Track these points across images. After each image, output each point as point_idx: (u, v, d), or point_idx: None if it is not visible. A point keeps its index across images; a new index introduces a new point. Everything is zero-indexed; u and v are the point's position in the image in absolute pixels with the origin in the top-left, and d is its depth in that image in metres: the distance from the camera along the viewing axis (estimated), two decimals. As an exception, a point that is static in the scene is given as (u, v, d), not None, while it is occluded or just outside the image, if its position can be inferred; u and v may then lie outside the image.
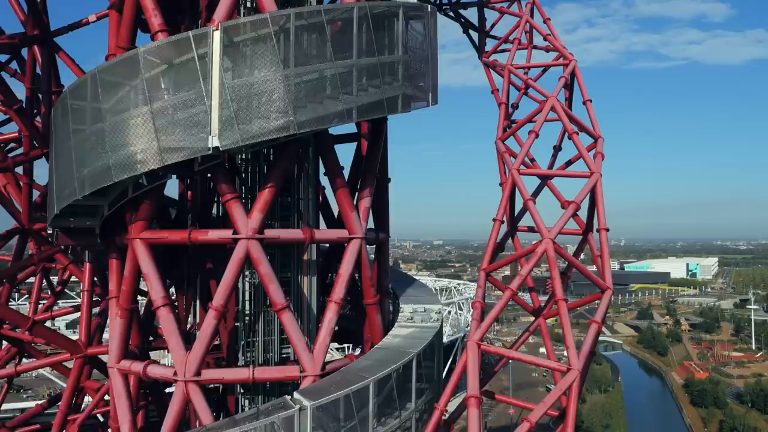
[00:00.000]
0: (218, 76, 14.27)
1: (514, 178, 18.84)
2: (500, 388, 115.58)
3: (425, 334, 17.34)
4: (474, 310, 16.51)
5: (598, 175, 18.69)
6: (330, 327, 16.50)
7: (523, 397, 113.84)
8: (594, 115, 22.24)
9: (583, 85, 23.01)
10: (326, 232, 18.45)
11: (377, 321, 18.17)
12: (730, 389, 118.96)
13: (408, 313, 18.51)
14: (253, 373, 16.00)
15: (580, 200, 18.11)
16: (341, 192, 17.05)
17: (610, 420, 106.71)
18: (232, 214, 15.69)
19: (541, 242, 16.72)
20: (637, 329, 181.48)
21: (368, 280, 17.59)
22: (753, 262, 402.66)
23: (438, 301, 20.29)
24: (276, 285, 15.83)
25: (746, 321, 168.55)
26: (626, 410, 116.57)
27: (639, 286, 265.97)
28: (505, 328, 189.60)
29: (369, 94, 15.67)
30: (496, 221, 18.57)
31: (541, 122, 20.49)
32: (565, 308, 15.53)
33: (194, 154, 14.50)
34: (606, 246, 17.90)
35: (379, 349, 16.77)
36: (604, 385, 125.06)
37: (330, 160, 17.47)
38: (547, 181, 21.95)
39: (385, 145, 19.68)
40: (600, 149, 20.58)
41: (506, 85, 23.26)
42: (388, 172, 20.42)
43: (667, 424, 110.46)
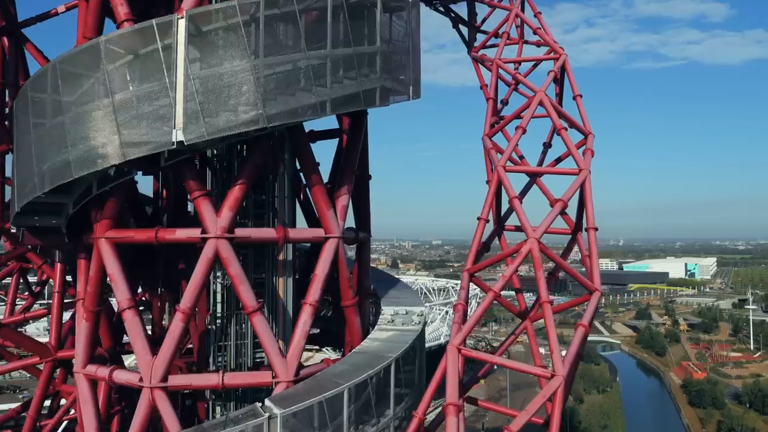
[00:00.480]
0: (183, 67, 13.57)
1: (500, 175, 18.13)
2: (498, 388, 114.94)
3: (405, 337, 16.62)
4: (455, 313, 15.78)
5: (586, 172, 17.96)
6: (304, 330, 15.78)
7: (521, 398, 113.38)
8: (584, 110, 21.53)
9: (573, 80, 22.30)
10: (301, 232, 17.70)
11: (356, 324, 17.46)
12: (728, 389, 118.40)
13: (389, 315, 17.80)
14: (223, 379, 15.29)
15: (568, 198, 17.39)
16: (317, 189, 16.33)
17: (608, 420, 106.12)
18: (200, 212, 14.97)
19: (526, 242, 16.01)
20: (636, 329, 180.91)
21: (346, 281, 16.87)
22: (752, 262, 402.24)
23: (421, 303, 19.58)
24: (247, 286, 15.11)
25: (745, 321, 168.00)
26: (624, 411, 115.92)
27: (637, 286, 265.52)
28: (503, 328, 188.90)
29: (344, 87, 14.96)
30: (480, 220, 17.84)
31: (528, 117, 19.78)
32: (550, 311, 14.82)
33: (157, 149, 13.78)
34: (594, 246, 17.18)
35: (357, 354, 16.06)
36: (602, 386, 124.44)
37: (305, 155, 16.75)
38: (536, 179, 21.28)
39: (365, 140, 18.94)
40: (590, 146, 19.87)
41: (494, 79, 22.52)
42: (368, 169, 19.68)
43: (665, 425, 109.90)
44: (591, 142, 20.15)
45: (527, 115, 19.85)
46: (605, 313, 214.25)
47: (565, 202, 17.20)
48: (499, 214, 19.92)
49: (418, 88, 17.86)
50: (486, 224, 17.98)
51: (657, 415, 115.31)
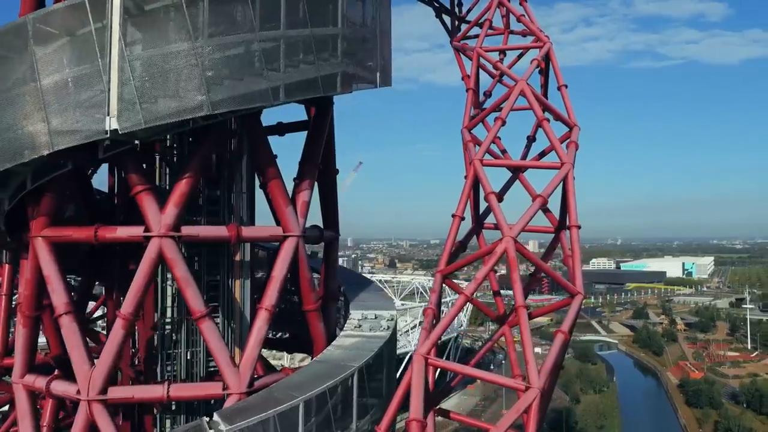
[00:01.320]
0: (118, 49, 12.27)
1: (476, 168, 16.84)
2: (493, 388, 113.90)
3: (372, 344, 15.35)
4: (425, 318, 14.53)
5: (569, 166, 16.68)
6: (259, 338, 14.50)
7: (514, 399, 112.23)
8: (569, 101, 20.24)
9: (558, 70, 20.98)
10: (257, 230, 16.36)
11: (319, 329, 16.19)
12: (726, 389, 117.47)
13: (356, 320, 16.52)
14: (168, 391, 13.98)
15: (548, 194, 16.10)
16: (273, 184, 15.05)
17: (604, 421, 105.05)
18: (143, 209, 13.68)
19: (501, 241, 14.73)
20: (633, 329, 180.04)
21: (307, 283, 15.60)
22: (749, 261, 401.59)
23: (393, 306, 18.31)
24: (194, 290, 13.85)
25: (742, 320, 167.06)
26: (621, 411, 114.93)
27: (635, 285, 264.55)
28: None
29: (300, 71, 13.68)
30: (455, 217, 16.56)
31: (508, 108, 18.48)
32: (526, 317, 13.54)
33: (89, 138, 12.49)
34: (577, 245, 15.89)
35: (318, 363, 14.81)
36: (599, 386, 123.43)
37: (260, 147, 15.44)
38: (519, 174, 20.02)
39: (331, 132, 17.64)
40: (575, 138, 18.59)
41: (474, 69, 21.20)
42: (335, 163, 18.37)
43: (662, 425, 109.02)
44: (576, 135, 18.88)
45: (507, 105, 18.56)
46: (602, 312, 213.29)
47: (545, 197, 15.91)
48: (478, 212, 18.67)
49: (388, 76, 16.61)
50: (461, 222, 16.74)
51: (654, 415, 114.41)
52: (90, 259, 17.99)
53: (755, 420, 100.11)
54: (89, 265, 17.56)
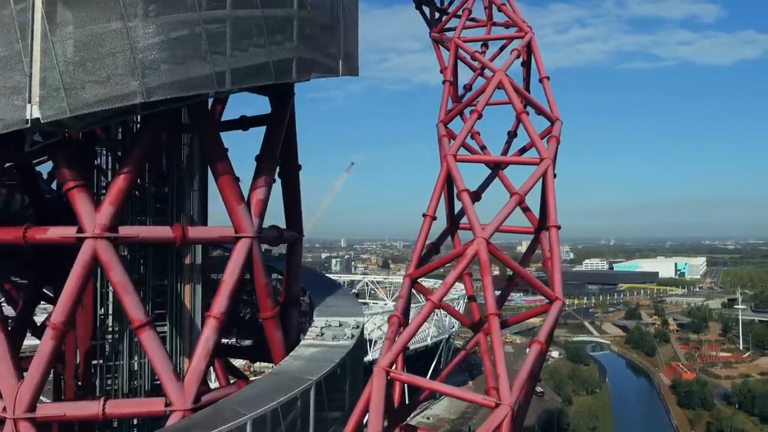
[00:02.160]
0: (41, 29, 10.97)
1: (449, 164, 15.68)
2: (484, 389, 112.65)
3: (333, 354, 14.12)
4: (389, 327, 13.32)
5: (549, 162, 15.52)
6: (206, 349, 13.25)
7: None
8: (551, 94, 19.11)
9: (540, 61, 19.84)
10: (205, 230, 15.10)
11: (277, 338, 14.95)
12: (718, 390, 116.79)
13: (318, 328, 15.27)
14: (104, 408, 12.70)
15: (525, 191, 14.93)
16: (224, 180, 13.79)
17: (596, 422, 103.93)
18: (75, 207, 12.40)
19: (473, 242, 13.56)
20: (626, 329, 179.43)
21: (263, 288, 14.35)
22: (741, 261, 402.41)
23: (361, 312, 17.08)
24: (132, 296, 12.59)
25: (734, 321, 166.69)
26: (613, 412, 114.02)
27: (628, 285, 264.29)
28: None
29: (250, 56, 12.43)
30: (426, 217, 15.38)
31: (484, 100, 17.32)
32: (497, 325, 12.36)
33: (9, 128, 11.19)
34: (556, 247, 14.73)
35: (273, 375, 13.58)
36: (591, 387, 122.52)
37: (209, 139, 14.18)
38: (498, 172, 18.87)
39: (292, 126, 16.38)
40: (556, 133, 17.45)
41: (452, 60, 20.03)
42: (297, 159, 17.11)
43: (654, 426, 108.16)
44: (557, 129, 17.76)
45: (483, 97, 17.39)
46: (595, 313, 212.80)
47: (522, 195, 14.75)
48: (452, 211, 17.51)
49: (354, 65, 15.38)
50: (433, 221, 15.56)
51: (646, 416, 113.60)
52: (36, 260, 16.66)
53: (747, 421, 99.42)
54: (34, 267, 16.23)
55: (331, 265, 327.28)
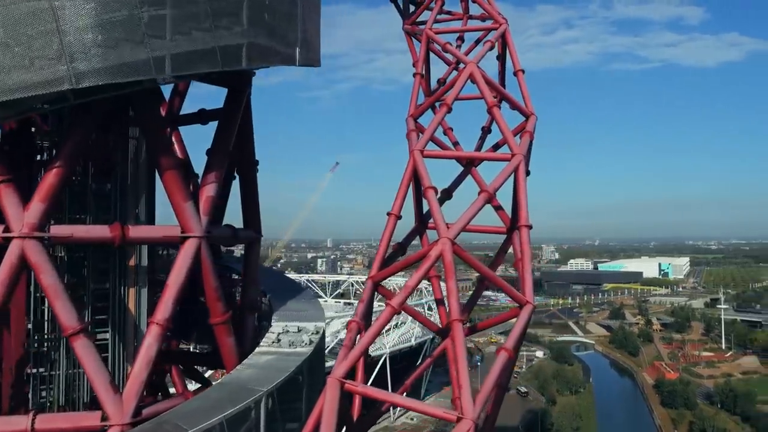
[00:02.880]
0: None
1: (415, 160, 14.78)
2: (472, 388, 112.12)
3: (289, 363, 13.17)
4: (347, 333, 12.38)
5: (520, 158, 14.67)
6: (148, 358, 12.23)
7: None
8: (526, 88, 18.31)
9: (514, 53, 19.02)
10: (147, 230, 14.02)
11: (228, 346, 13.96)
12: (700, 389, 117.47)
13: (275, 334, 14.30)
14: (33, 423, 11.66)
15: (494, 189, 14.06)
16: (168, 176, 12.76)
17: (580, 422, 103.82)
18: (1, 204, 11.34)
19: (437, 243, 12.69)
20: (610, 329, 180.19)
21: (213, 292, 13.36)
22: (724, 261, 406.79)
23: (322, 317, 16.13)
24: (64, 301, 11.55)
25: (716, 320, 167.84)
26: (597, 412, 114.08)
27: (612, 285, 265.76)
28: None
29: (193, 40, 11.42)
30: (390, 216, 14.49)
31: (455, 93, 16.45)
32: (461, 332, 11.48)
33: None
34: (527, 248, 13.88)
35: (221, 386, 12.60)
36: (575, 386, 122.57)
37: (152, 131, 13.15)
38: (471, 169, 18.02)
39: (247, 118, 15.38)
40: (530, 128, 16.63)
41: (423, 51, 19.15)
42: (254, 153, 16.12)
43: (637, 426, 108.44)
44: (532, 124, 16.94)
45: (454, 90, 16.52)
46: (580, 312, 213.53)
47: (491, 193, 13.89)
48: (421, 210, 16.63)
49: (314, 55, 14.41)
50: (398, 220, 14.67)
51: (630, 415, 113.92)
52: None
53: (729, 420, 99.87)
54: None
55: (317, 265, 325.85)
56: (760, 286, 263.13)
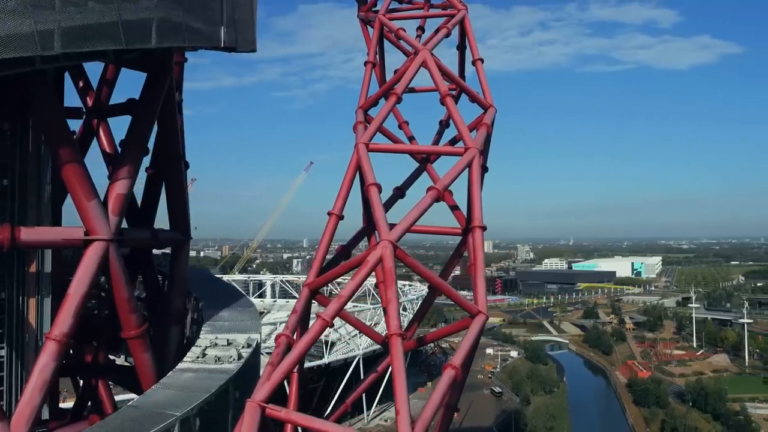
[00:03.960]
0: None
1: (358, 154, 13.38)
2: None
3: (212, 381, 11.65)
4: (275, 348, 10.94)
5: (475, 152, 13.34)
6: (42, 379, 10.63)
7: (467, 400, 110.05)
8: (485, 78, 17.04)
9: (473, 41, 17.71)
10: (43, 232, 12.36)
11: (145, 362, 12.43)
12: (672, 388, 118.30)
13: (201, 348, 12.76)
14: None
15: (444, 186, 12.71)
16: (69, 170, 11.16)
17: (554, 422, 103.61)
18: None
19: (377, 246, 11.30)
20: (584, 328, 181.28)
21: (125, 303, 11.82)
22: (695, 261, 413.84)
23: (257, 327, 14.62)
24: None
25: (688, 319, 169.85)
26: (571, 411, 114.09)
27: (586, 285, 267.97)
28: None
29: (89, 12, 9.83)
30: (331, 216, 13.06)
31: (405, 81, 15.08)
32: (399, 348, 10.10)
33: None
34: (480, 252, 12.55)
35: (131, 409, 11.02)
36: (549, 386, 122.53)
37: (50, 121, 11.51)
38: (427, 165, 16.70)
39: (171, 107, 13.78)
40: (488, 120, 15.34)
41: (375, 38, 17.73)
42: (180, 148, 14.49)
43: (610, 425, 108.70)
44: (490, 117, 15.65)
45: (404, 78, 15.15)
46: (554, 312, 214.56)
47: (440, 190, 12.52)
48: (369, 209, 15.21)
49: (246, 36, 12.90)
50: (339, 220, 13.25)
51: (603, 414, 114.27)
52: None
53: (700, 419, 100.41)
54: None
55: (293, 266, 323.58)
56: (729, 284, 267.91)
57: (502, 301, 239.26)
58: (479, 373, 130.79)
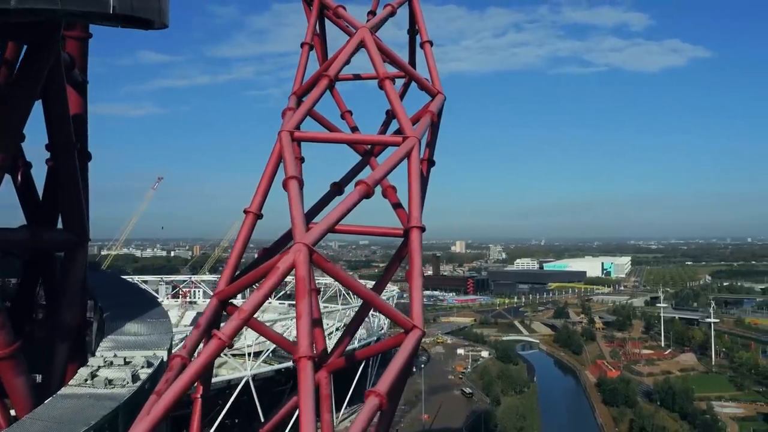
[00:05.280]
0: None
1: (281, 142, 11.60)
2: (414, 392, 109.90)
3: (95, 411, 9.72)
4: (167, 373, 9.11)
5: (414, 141, 11.67)
6: None
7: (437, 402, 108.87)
8: (434, 63, 15.41)
9: (422, 22, 16.06)
10: None
11: (17, 388, 10.47)
12: (640, 387, 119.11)
13: (90, 368, 10.82)
14: None
15: (376, 180, 10.99)
16: None
17: (524, 422, 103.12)
18: None
19: (289, 250, 9.56)
20: (554, 328, 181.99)
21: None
22: (663, 260, 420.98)
23: (166, 342, 12.70)
24: None
25: (656, 318, 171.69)
26: (541, 411, 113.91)
27: (557, 285, 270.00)
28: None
29: None
30: (248, 214, 11.27)
31: (339, 63, 13.32)
32: (309, 372, 8.36)
33: None
34: (417, 256, 10.86)
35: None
36: (520, 386, 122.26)
37: None
38: (371, 159, 14.94)
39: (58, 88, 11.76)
40: (433, 108, 13.68)
41: (314, 16, 15.94)
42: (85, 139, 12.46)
43: (580, 425, 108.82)
44: (436, 105, 13.99)
45: (339, 60, 13.41)
46: (525, 312, 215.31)
47: (370, 185, 10.78)
48: (300, 206, 13.44)
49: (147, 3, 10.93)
50: (257, 219, 11.47)
51: (572, 414, 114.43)
52: None
53: (668, 418, 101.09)
54: None
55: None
56: (696, 284, 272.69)
57: (473, 301, 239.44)
58: (450, 374, 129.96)
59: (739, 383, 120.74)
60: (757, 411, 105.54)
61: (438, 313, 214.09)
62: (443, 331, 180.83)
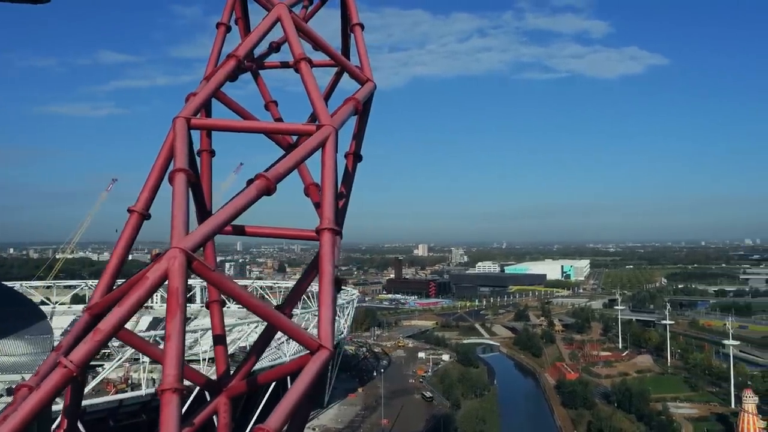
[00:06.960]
0: None
1: (175, 130, 9.89)
2: (374, 396, 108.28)
3: None
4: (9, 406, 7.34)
5: (329, 130, 10.09)
6: None
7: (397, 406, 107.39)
8: (364, 47, 13.91)
9: (352, 3, 14.58)
10: None
11: None
12: (598, 389, 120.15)
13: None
14: None
15: (279, 174, 9.40)
16: None
17: (483, 425, 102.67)
18: None
19: (163, 256, 7.91)
20: (515, 330, 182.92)
21: None
22: (621, 263, 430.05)
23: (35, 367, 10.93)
24: None
25: (614, 321, 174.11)
26: (500, 414, 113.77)
27: (517, 288, 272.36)
28: (386, 332, 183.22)
29: None
30: (132, 213, 9.51)
31: (250, 42, 11.73)
32: (174, 408, 6.73)
33: None
34: (327, 263, 9.29)
35: None
36: (480, 389, 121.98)
37: None
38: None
39: None
40: (359, 96, 12.16)
41: None
42: None
43: (539, 427, 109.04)
44: (363, 93, 12.46)
45: (249, 39, 11.81)
46: (486, 315, 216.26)
47: (271, 180, 9.20)
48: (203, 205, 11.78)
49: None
50: (144, 220, 9.76)
51: (532, 417, 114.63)
52: None
53: (625, 419, 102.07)
54: None
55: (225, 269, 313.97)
56: (653, 286, 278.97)
57: (435, 304, 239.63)
58: (411, 378, 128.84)
59: (694, 384, 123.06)
60: (710, 411, 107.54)
61: (400, 316, 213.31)
62: (405, 334, 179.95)
